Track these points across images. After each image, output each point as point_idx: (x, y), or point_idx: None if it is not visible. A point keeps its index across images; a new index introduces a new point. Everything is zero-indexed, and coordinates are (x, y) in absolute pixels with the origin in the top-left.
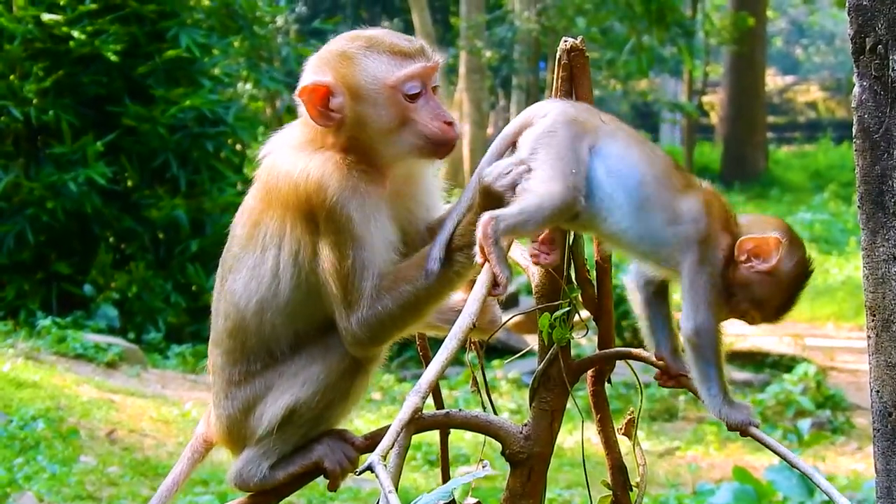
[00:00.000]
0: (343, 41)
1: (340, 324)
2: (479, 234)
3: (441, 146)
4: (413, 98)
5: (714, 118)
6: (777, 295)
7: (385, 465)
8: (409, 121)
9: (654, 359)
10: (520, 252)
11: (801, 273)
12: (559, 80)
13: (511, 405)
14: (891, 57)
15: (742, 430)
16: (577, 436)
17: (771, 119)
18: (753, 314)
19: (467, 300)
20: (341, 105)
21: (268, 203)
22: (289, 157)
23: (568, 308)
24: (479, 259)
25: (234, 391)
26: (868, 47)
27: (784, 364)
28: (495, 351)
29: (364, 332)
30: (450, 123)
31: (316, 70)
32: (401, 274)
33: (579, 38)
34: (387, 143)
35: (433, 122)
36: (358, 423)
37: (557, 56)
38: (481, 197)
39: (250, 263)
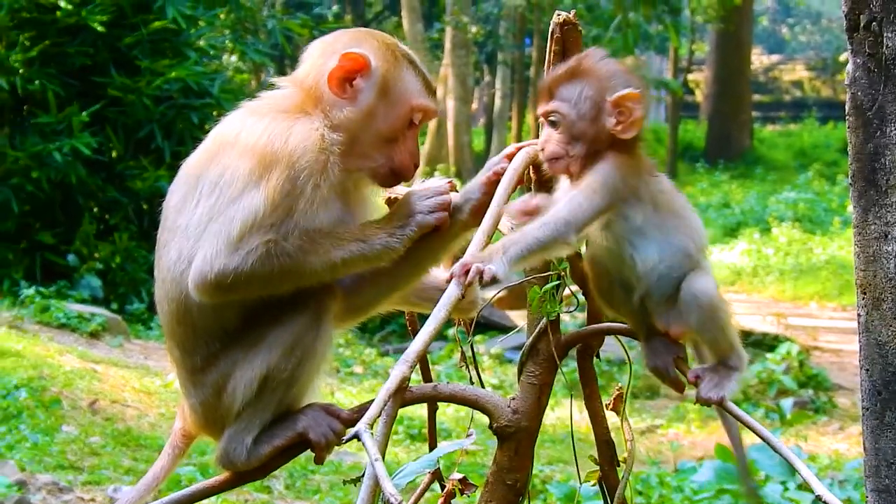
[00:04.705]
0: (395, 42)
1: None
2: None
3: (398, 176)
4: (410, 126)
5: (699, 96)
6: None
7: (372, 434)
8: (395, 142)
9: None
10: (507, 224)
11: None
12: (552, 54)
13: (493, 381)
14: (885, 34)
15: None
16: (558, 412)
17: (756, 98)
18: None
19: None
20: (362, 88)
21: (215, 159)
22: (268, 121)
23: (557, 282)
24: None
25: (201, 378)
26: (862, 24)
27: (767, 343)
28: (478, 326)
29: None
30: (416, 165)
31: (364, 46)
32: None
33: (572, 12)
34: (368, 147)
35: (406, 156)
36: (339, 395)
37: (550, 29)
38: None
39: (183, 224)
